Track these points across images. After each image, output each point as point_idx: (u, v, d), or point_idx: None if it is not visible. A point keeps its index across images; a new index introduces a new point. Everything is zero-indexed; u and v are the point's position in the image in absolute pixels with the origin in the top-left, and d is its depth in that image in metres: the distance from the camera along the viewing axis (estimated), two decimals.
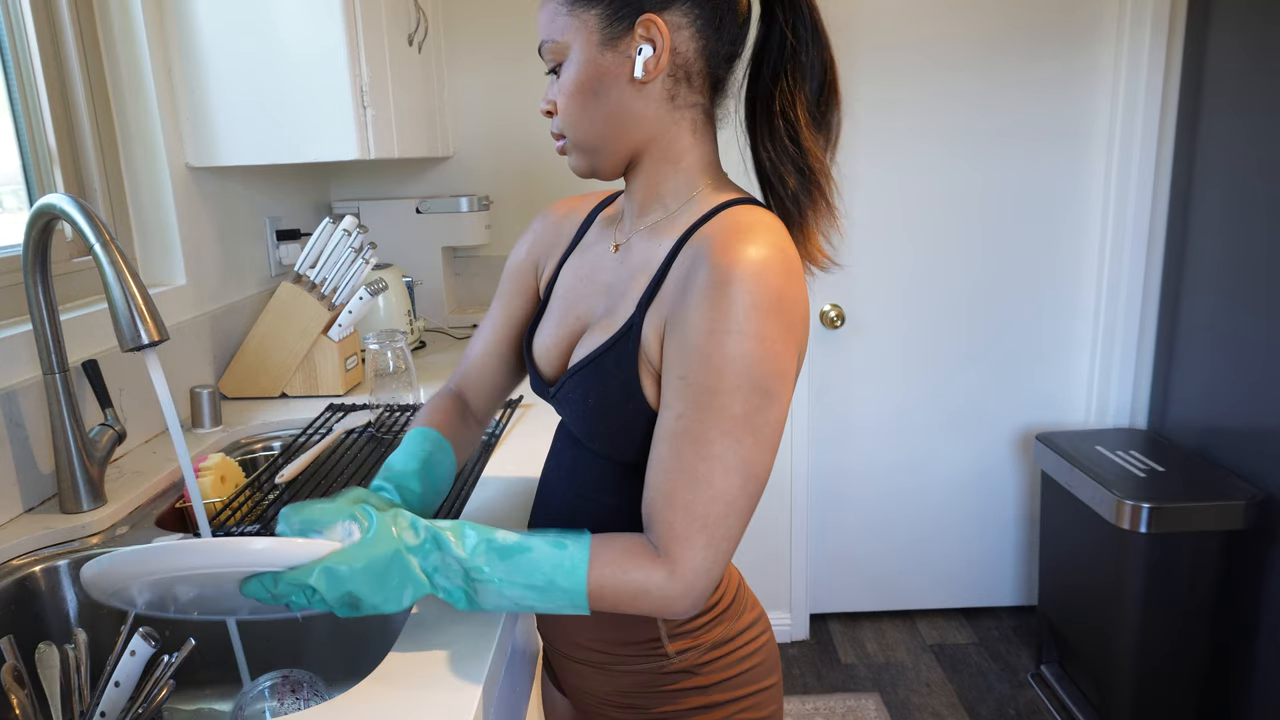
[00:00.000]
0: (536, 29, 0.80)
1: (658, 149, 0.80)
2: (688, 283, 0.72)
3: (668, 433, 0.72)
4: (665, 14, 0.75)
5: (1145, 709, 1.95)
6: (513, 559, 0.70)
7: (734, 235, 0.72)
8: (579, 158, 0.82)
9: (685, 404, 0.71)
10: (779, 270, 0.70)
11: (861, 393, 2.45)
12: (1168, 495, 1.86)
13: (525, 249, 0.98)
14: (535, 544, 0.71)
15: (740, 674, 0.88)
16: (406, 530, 0.70)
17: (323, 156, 1.50)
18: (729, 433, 0.70)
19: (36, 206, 0.95)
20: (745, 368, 0.69)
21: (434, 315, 2.19)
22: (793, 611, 2.50)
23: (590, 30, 0.76)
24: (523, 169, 2.27)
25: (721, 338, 0.69)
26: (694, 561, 0.70)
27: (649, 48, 0.75)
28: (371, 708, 0.68)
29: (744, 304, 0.69)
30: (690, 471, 0.70)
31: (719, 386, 0.69)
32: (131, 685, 0.83)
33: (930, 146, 2.29)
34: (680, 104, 0.79)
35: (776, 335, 0.70)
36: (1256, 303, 1.88)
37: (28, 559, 1.01)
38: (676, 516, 0.70)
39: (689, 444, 0.70)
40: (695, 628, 0.86)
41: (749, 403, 0.70)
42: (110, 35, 1.40)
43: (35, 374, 1.12)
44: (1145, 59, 2.14)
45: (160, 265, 1.51)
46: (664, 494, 0.71)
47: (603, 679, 0.89)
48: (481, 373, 1.00)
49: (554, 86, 0.80)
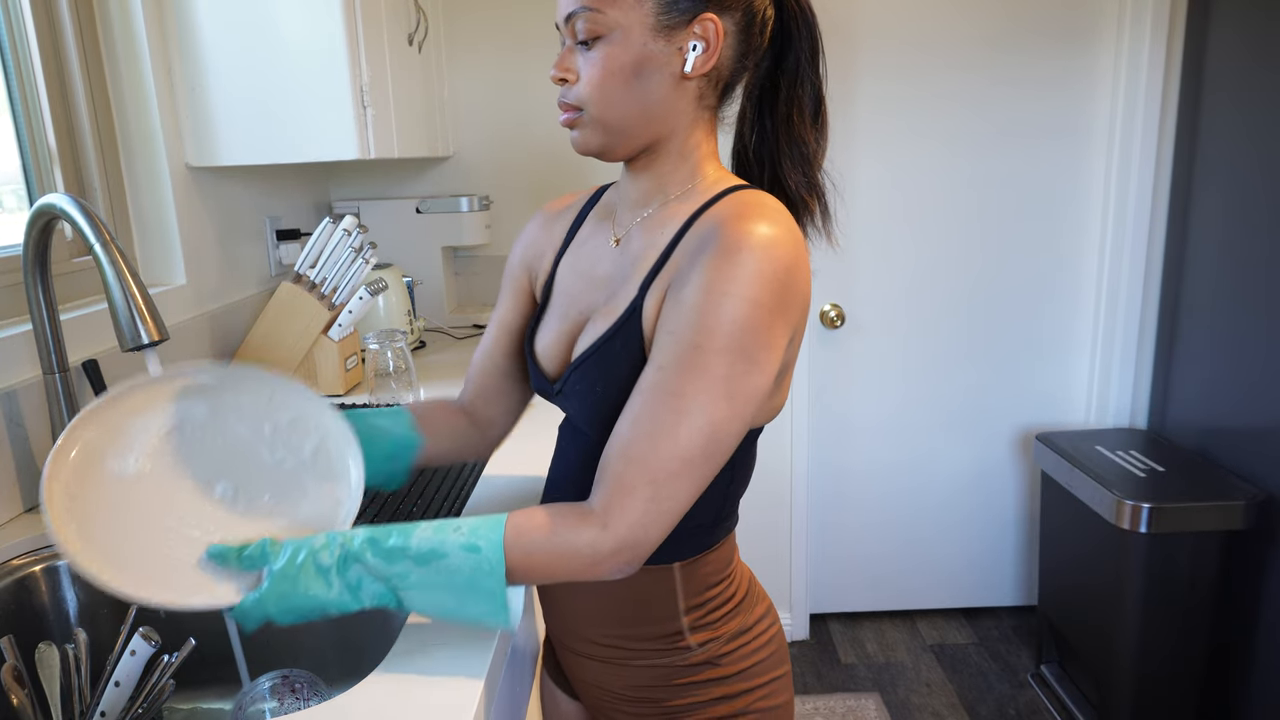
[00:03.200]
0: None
1: (674, 143, 0.81)
2: (697, 253, 0.73)
3: (645, 385, 0.72)
4: (722, 17, 0.76)
5: (1145, 709, 1.95)
6: (429, 565, 0.70)
7: (747, 211, 0.73)
8: (593, 134, 0.79)
9: (668, 358, 0.71)
10: (788, 247, 0.72)
11: (861, 393, 2.45)
12: (1168, 495, 1.86)
13: (518, 253, 0.97)
14: (450, 549, 0.70)
15: (757, 664, 0.89)
16: (322, 551, 0.71)
17: (323, 156, 1.50)
18: (706, 390, 0.69)
19: (36, 206, 0.95)
20: (736, 330, 0.69)
21: (434, 315, 2.19)
22: (793, 611, 2.50)
23: (645, 13, 0.75)
24: (523, 169, 2.27)
25: (719, 298, 0.69)
26: (630, 517, 0.69)
27: (702, 45, 0.76)
28: (371, 708, 0.68)
29: (748, 269, 0.69)
30: (656, 423, 0.70)
31: (706, 345, 0.69)
32: (132, 685, 0.83)
33: (930, 145, 2.29)
34: (703, 105, 0.80)
35: (773, 307, 0.70)
36: (1257, 303, 1.88)
37: (28, 559, 1.01)
38: (628, 468, 0.70)
39: (663, 397, 0.70)
40: (717, 619, 0.87)
41: (733, 366, 0.70)
42: (110, 35, 1.40)
43: (35, 374, 1.12)
44: (1145, 59, 2.14)
45: (160, 265, 1.51)
46: (623, 444, 0.71)
47: (616, 674, 0.89)
48: (483, 381, 1.00)
49: (580, 57, 0.78)
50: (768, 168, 0.85)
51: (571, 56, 0.78)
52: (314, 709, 0.68)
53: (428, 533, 0.71)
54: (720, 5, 0.75)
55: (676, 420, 0.69)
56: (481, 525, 0.71)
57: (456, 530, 0.71)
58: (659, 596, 0.85)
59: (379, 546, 0.70)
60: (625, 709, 0.90)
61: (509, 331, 0.98)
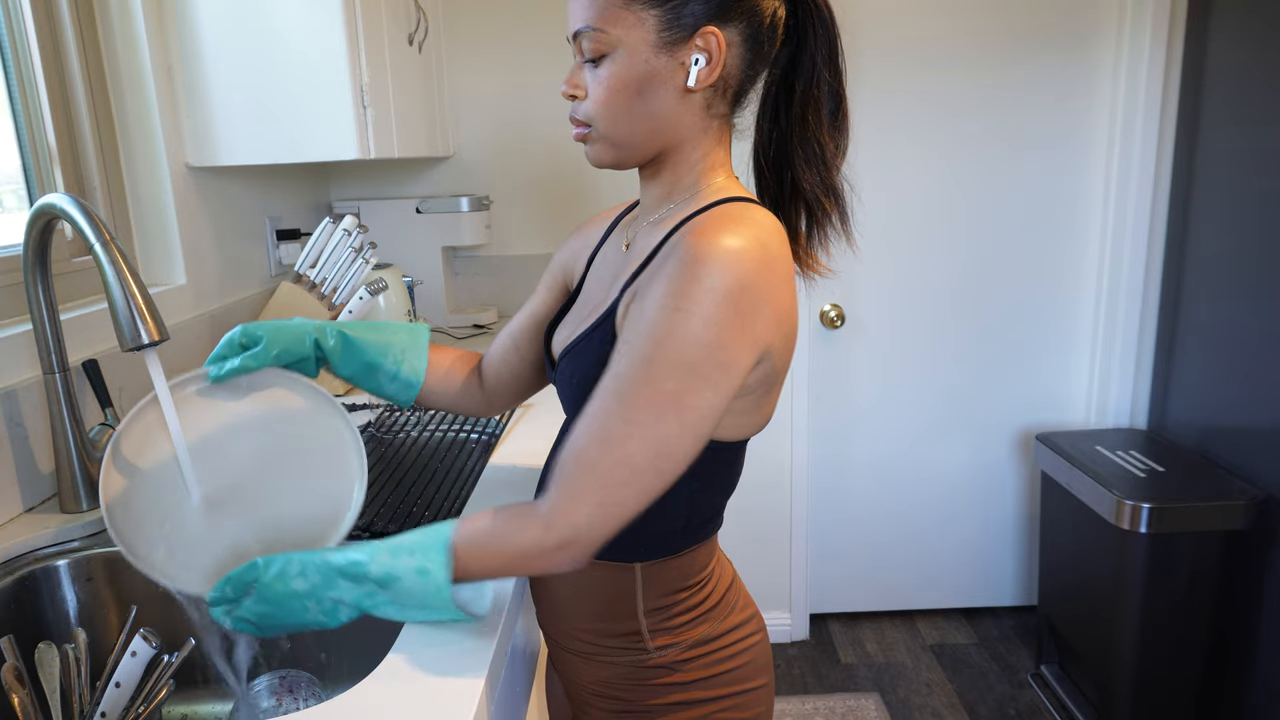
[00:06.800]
0: (570, 12, 0.79)
1: (682, 152, 0.82)
2: (662, 264, 0.74)
3: (602, 389, 0.73)
4: (724, 29, 0.76)
5: (1145, 709, 1.95)
6: (390, 588, 0.73)
7: (719, 223, 0.73)
8: (603, 149, 0.82)
9: (623, 367, 0.72)
10: (751, 263, 0.71)
11: (861, 394, 2.45)
12: (1168, 495, 1.86)
13: (558, 256, 1.03)
14: (403, 573, 0.72)
15: (723, 673, 0.88)
16: (296, 579, 0.73)
17: (323, 156, 1.50)
18: (655, 406, 0.70)
19: (36, 206, 0.95)
20: (686, 347, 0.69)
21: (434, 315, 2.19)
22: (793, 611, 2.50)
23: (647, 30, 0.75)
24: (523, 169, 2.27)
25: (672, 313, 0.70)
26: (575, 518, 0.71)
27: (704, 58, 0.76)
28: (371, 708, 0.68)
29: (703, 286, 0.69)
30: (606, 430, 0.71)
31: (657, 358, 0.70)
32: (132, 686, 0.84)
33: (931, 146, 2.29)
34: (713, 114, 0.81)
35: (729, 325, 0.70)
36: (1257, 302, 1.88)
37: (28, 559, 1.01)
38: (577, 471, 0.71)
39: (615, 404, 0.71)
40: (677, 625, 0.87)
41: (682, 382, 0.70)
42: (110, 35, 1.40)
43: (35, 374, 1.12)
44: (1145, 59, 2.14)
45: (160, 265, 1.51)
46: (577, 446, 0.72)
47: (589, 669, 0.91)
48: (501, 354, 1.05)
49: (587, 73, 0.79)
50: (785, 170, 0.85)
51: (580, 73, 0.80)
52: (313, 709, 0.68)
53: (385, 557, 0.73)
54: (723, 17, 0.76)
55: (627, 431, 0.70)
56: (431, 547, 0.73)
57: (410, 555, 0.73)
58: (619, 594, 0.86)
59: (346, 574, 0.73)
60: (598, 704, 0.92)
61: (534, 318, 1.03)
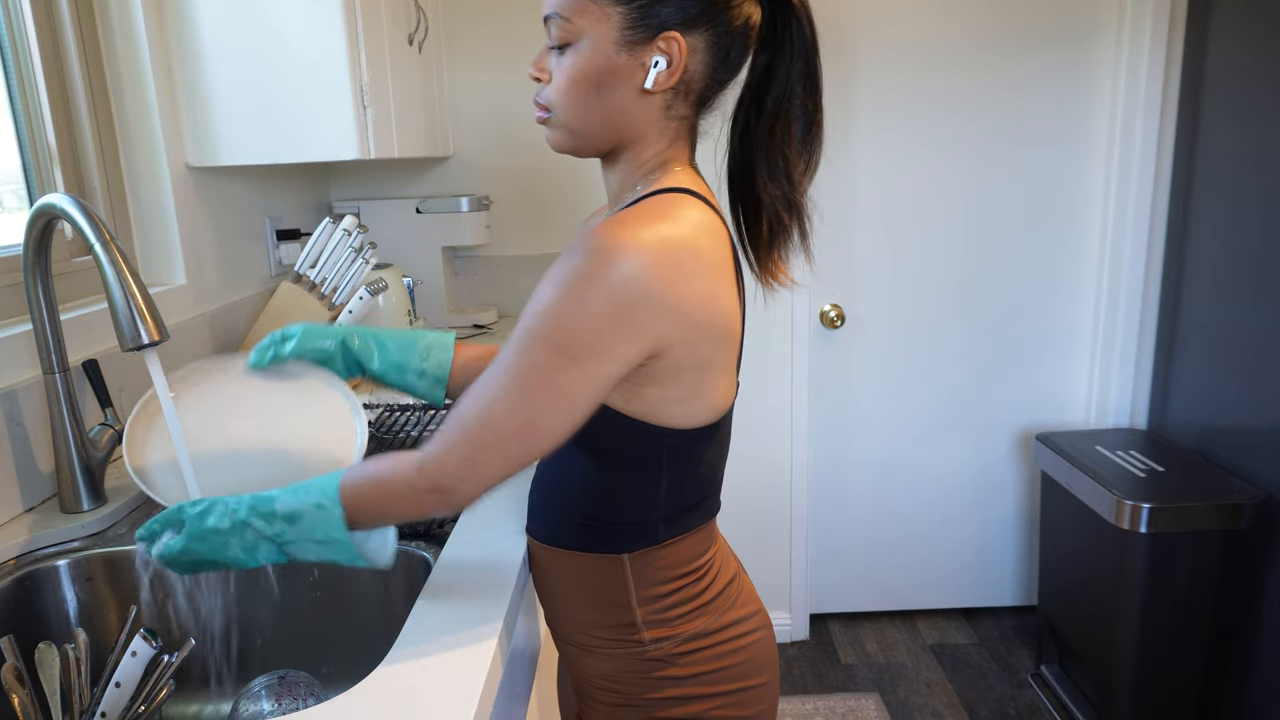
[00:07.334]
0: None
1: (638, 148, 0.83)
2: (572, 245, 0.75)
3: (496, 356, 0.76)
4: (687, 35, 0.76)
5: (1145, 709, 1.95)
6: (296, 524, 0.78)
7: (632, 215, 0.74)
8: (561, 135, 0.83)
9: (512, 336, 0.75)
10: (646, 256, 0.71)
11: (861, 393, 2.45)
12: (1168, 495, 1.86)
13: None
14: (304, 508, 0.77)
15: (721, 669, 0.88)
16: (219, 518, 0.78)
17: (323, 156, 1.50)
18: (526, 377, 0.72)
19: (37, 206, 0.95)
20: (554, 322, 0.71)
21: (434, 315, 2.18)
22: (793, 611, 2.50)
23: (611, 26, 0.76)
24: (523, 169, 2.27)
25: (549, 289, 0.72)
26: (445, 466, 0.74)
27: (664, 61, 0.77)
28: (371, 708, 0.68)
29: (583, 270, 0.71)
30: (485, 392, 0.74)
31: (536, 331, 0.72)
32: (132, 686, 0.83)
33: (931, 146, 2.29)
34: (672, 115, 0.81)
35: (605, 314, 0.71)
36: (1257, 302, 1.88)
37: (28, 559, 1.01)
38: (455, 423, 0.75)
39: (497, 370, 0.74)
40: (673, 618, 0.87)
41: (550, 358, 0.72)
42: (110, 35, 1.40)
43: (35, 374, 1.12)
44: (1145, 58, 2.14)
45: (160, 265, 1.51)
46: (462, 401, 0.75)
47: (590, 662, 0.92)
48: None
49: (554, 59, 0.80)
50: (749, 180, 0.84)
51: (547, 57, 0.81)
52: (313, 709, 0.68)
53: (288, 496, 0.78)
54: (687, 24, 0.76)
55: (500, 395, 0.73)
56: (326, 486, 0.78)
57: (307, 493, 0.78)
58: (612, 585, 0.87)
59: (258, 511, 0.78)
60: (600, 697, 0.92)
61: None
